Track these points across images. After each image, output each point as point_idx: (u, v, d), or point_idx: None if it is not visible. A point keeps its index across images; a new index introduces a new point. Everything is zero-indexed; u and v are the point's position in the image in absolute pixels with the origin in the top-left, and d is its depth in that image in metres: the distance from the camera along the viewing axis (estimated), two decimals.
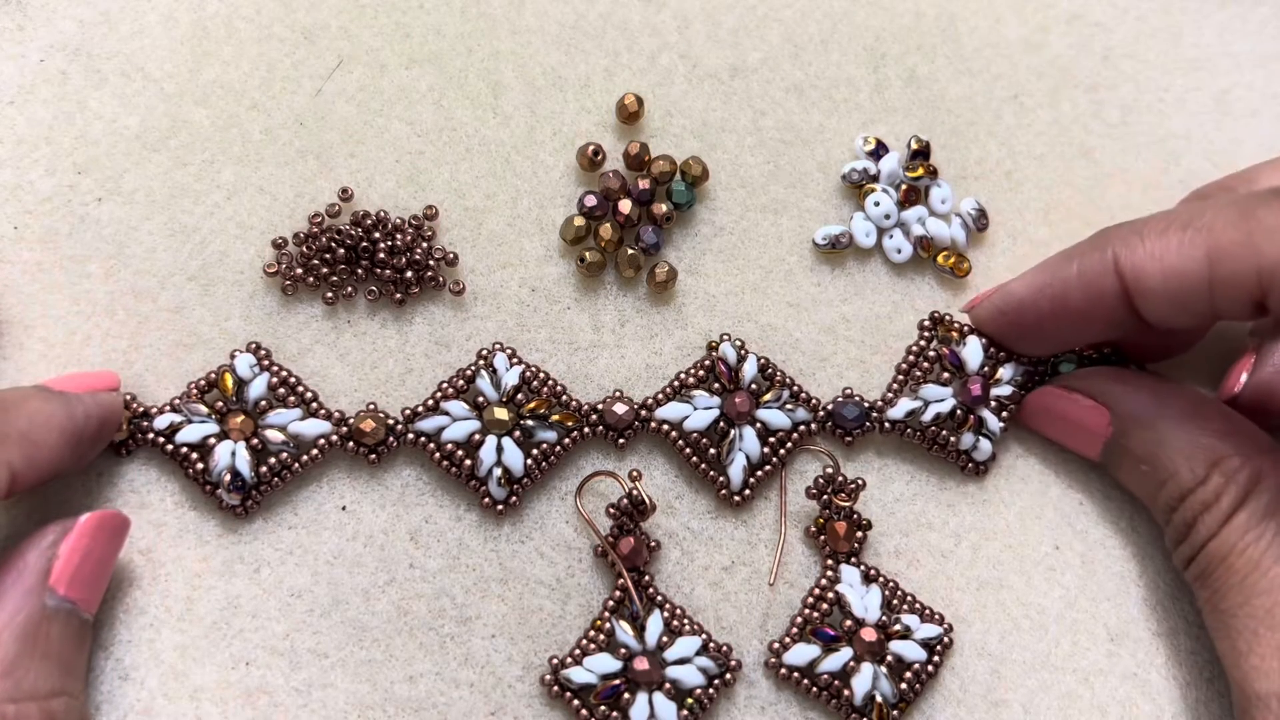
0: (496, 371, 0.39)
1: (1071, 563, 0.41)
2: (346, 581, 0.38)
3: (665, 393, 0.40)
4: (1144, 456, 0.38)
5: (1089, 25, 0.48)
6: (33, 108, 0.42)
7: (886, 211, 0.44)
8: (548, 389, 0.40)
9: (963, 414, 0.40)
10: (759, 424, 0.40)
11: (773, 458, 0.40)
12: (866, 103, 0.46)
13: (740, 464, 0.40)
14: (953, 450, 0.41)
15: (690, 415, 0.40)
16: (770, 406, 0.40)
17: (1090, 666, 0.40)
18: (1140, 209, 0.46)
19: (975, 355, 0.41)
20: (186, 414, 0.38)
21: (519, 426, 0.39)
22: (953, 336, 0.42)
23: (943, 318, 0.42)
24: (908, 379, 0.41)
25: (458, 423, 0.39)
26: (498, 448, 0.38)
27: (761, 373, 0.41)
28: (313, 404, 0.39)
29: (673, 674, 0.37)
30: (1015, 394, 0.41)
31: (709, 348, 0.41)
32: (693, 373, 0.41)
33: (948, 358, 0.41)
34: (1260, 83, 0.48)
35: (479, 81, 0.44)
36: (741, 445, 0.40)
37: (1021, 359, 0.41)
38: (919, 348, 0.42)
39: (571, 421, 0.39)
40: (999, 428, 0.41)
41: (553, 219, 0.43)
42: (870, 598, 0.39)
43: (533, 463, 0.39)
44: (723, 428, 0.40)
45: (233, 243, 0.41)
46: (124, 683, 0.36)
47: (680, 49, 0.46)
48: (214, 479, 0.37)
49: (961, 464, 0.41)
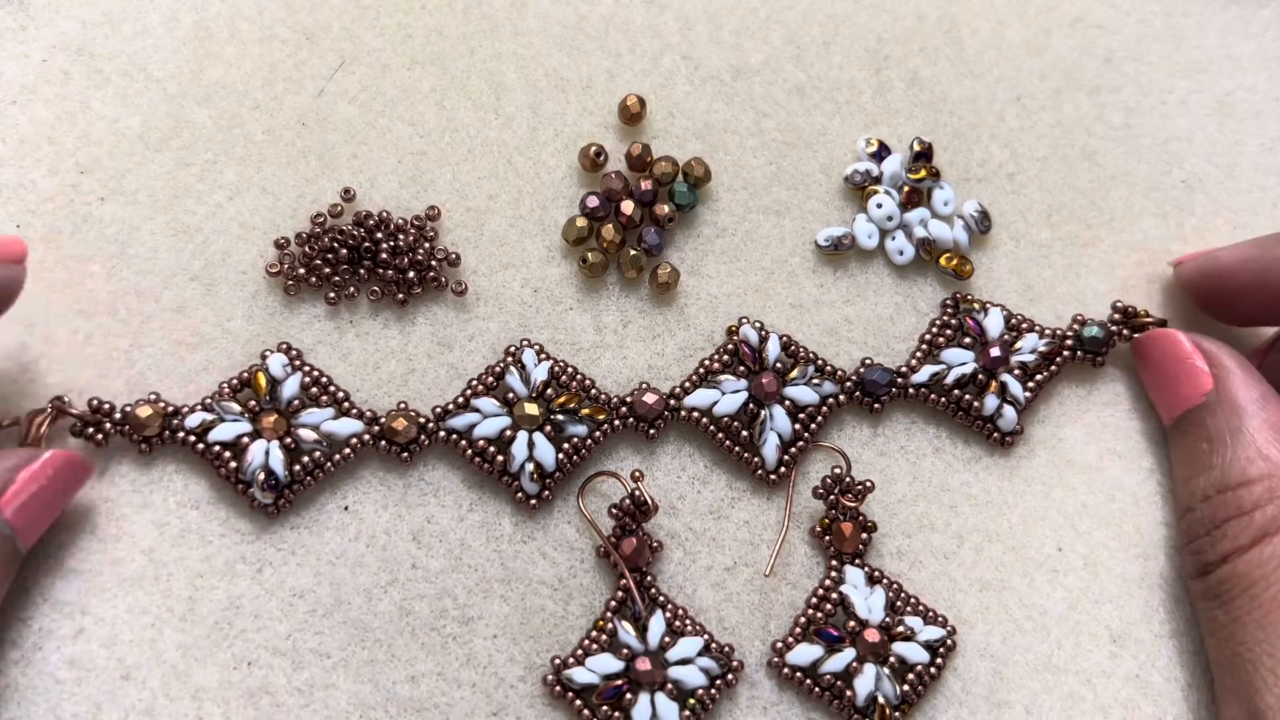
0: (525, 367, 0.40)
1: (1074, 565, 0.41)
2: (349, 582, 0.38)
3: (692, 380, 0.40)
4: (1213, 436, 0.38)
5: (1091, 28, 0.48)
6: (35, 107, 0.42)
7: (889, 213, 0.44)
8: (576, 383, 0.40)
9: (985, 377, 0.41)
10: (788, 401, 0.40)
11: (804, 433, 0.40)
12: (869, 105, 0.46)
13: (774, 443, 0.40)
14: (977, 416, 0.41)
15: (719, 400, 0.40)
16: (797, 383, 0.41)
17: (1093, 668, 0.40)
18: (1143, 211, 0.46)
19: (996, 324, 0.42)
20: (220, 412, 0.38)
21: (550, 421, 0.39)
22: (974, 307, 0.43)
23: (965, 296, 0.43)
24: (931, 348, 0.42)
25: (489, 419, 0.39)
26: (529, 443, 0.39)
27: (785, 350, 0.41)
28: (344, 403, 0.39)
29: (675, 674, 0.37)
30: (1038, 361, 0.42)
31: (729, 332, 0.42)
32: (717, 358, 0.41)
33: (970, 327, 0.42)
34: (1262, 85, 0.48)
35: (481, 82, 0.44)
36: (773, 424, 0.40)
37: (1042, 331, 0.42)
38: (942, 320, 0.42)
39: (601, 415, 0.39)
40: (1024, 395, 0.41)
41: (555, 220, 0.43)
42: (874, 599, 0.39)
43: (564, 457, 0.39)
44: (752, 409, 0.40)
45: (235, 243, 0.41)
46: (126, 682, 0.36)
47: (682, 50, 0.46)
48: (247, 478, 0.37)
49: (987, 433, 0.42)
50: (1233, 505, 0.36)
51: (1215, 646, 0.36)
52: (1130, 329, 0.43)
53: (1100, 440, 0.43)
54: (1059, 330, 0.43)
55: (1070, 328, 0.43)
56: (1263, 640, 0.34)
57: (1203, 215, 0.46)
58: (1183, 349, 0.40)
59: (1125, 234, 0.45)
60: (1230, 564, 0.36)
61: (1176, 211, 0.46)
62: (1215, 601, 0.36)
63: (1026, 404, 0.42)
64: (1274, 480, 0.36)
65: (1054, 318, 0.44)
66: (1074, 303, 0.44)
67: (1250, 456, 0.37)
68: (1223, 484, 0.37)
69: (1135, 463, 0.42)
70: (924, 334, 0.43)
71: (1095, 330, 0.42)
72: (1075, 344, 0.43)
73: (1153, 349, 0.41)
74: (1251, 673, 0.34)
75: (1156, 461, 0.42)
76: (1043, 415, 0.43)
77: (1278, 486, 0.36)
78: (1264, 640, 0.34)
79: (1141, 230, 0.45)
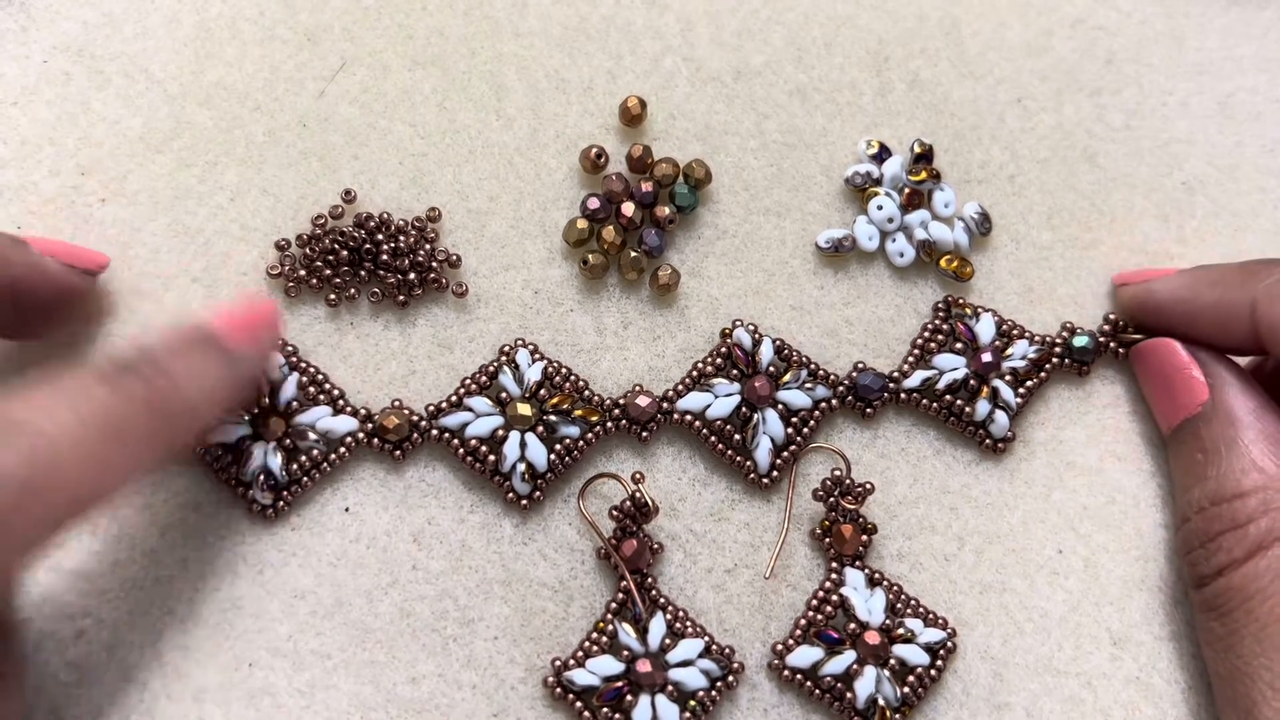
0: (519, 367, 0.40)
1: (1074, 566, 0.41)
2: (349, 583, 0.38)
3: (685, 383, 0.40)
4: (1208, 447, 0.38)
5: (1092, 29, 0.48)
6: (36, 109, 0.42)
7: (889, 215, 0.44)
8: (570, 384, 0.40)
9: (976, 383, 0.41)
10: (780, 405, 0.40)
11: (796, 437, 0.40)
12: (869, 106, 0.46)
13: (766, 447, 0.40)
14: (969, 421, 0.41)
15: (712, 404, 0.40)
16: (790, 387, 0.41)
17: (1093, 670, 0.40)
18: (1143, 213, 0.46)
19: (988, 330, 0.42)
20: None
21: (542, 422, 0.39)
22: (966, 312, 0.43)
23: (957, 300, 0.43)
24: (923, 353, 0.42)
25: (481, 418, 0.39)
26: (521, 443, 0.39)
27: (778, 354, 0.41)
28: (339, 401, 0.39)
29: (675, 676, 0.37)
30: (1028, 367, 0.42)
31: (723, 334, 0.41)
32: (710, 361, 0.41)
33: (962, 332, 0.42)
34: (1264, 86, 0.48)
35: (482, 84, 0.44)
36: (765, 428, 0.40)
37: (1033, 338, 0.42)
38: (934, 325, 0.42)
39: (594, 416, 0.39)
40: (1015, 400, 0.41)
41: (555, 221, 0.43)
42: (874, 601, 0.39)
43: (556, 458, 0.39)
44: (745, 413, 0.40)
45: (236, 244, 0.41)
46: (126, 684, 0.36)
47: (683, 52, 0.46)
48: (247, 479, 0.37)
49: (979, 439, 0.41)
50: (1227, 518, 0.36)
51: (1213, 658, 0.36)
52: (1119, 344, 0.43)
53: (1100, 443, 0.43)
54: (1048, 337, 0.43)
55: (1060, 335, 0.43)
56: (1259, 654, 0.34)
57: (1203, 217, 0.46)
58: (1180, 359, 0.40)
59: (1126, 236, 0.45)
60: (1226, 577, 0.36)
61: (1177, 213, 0.46)
62: (1212, 614, 0.36)
63: (1018, 410, 0.42)
64: (1269, 492, 0.35)
65: (1054, 319, 0.44)
66: (1074, 305, 0.44)
67: (1245, 468, 0.36)
68: (1217, 495, 0.36)
69: (1136, 465, 0.42)
70: (916, 338, 0.43)
71: (1085, 340, 0.42)
72: (1064, 352, 0.43)
73: (1150, 358, 0.41)
74: (1249, 685, 0.34)
75: (1157, 464, 0.42)
76: (1043, 418, 0.43)
77: (1273, 499, 0.35)
78: (1261, 654, 0.34)
79: (1142, 232, 0.45)
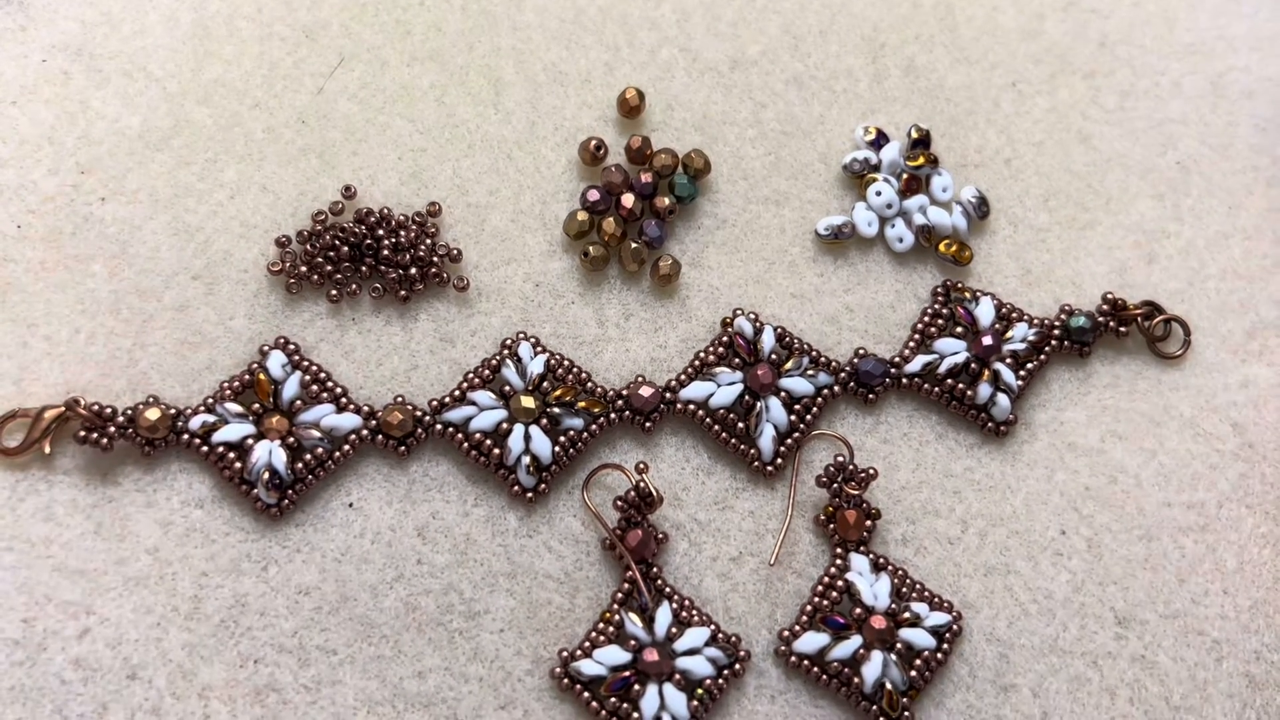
0: (521, 360, 0.40)
1: (1078, 547, 0.41)
2: (354, 578, 0.38)
3: (687, 373, 0.40)
4: None
5: (1085, 12, 0.49)
6: (35, 108, 0.42)
7: (888, 201, 0.44)
8: (573, 376, 0.40)
9: (977, 366, 0.41)
10: (783, 393, 0.40)
11: (799, 424, 0.40)
12: (866, 93, 0.46)
13: (769, 435, 0.40)
14: (970, 405, 0.41)
15: (715, 393, 0.40)
16: (792, 375, 0.41)
17: (1098, 650, 0.40)
18: (1139, 193, 0.46)
19: (988, 313, 0.42)
20: (222, 415, 0.38)
21: (546, 414, 0.39)
22: (965, 296, 0.43)
23: (956, 284, 0.43)
24: (924, 338, 0.42)
25: (485, 412, 0.39)
26: (525, 436, 0.39)
27: (779, 342, 0.41)
28: (342, 398, 0.39)
29: (682, 665, 0.37)
30: (1028, 349, 0.42)
31: (724, 324, 0.42)
32: (712, 350, 0.41)
33: (962, 316, 0.42)
34: (1256, 66, 0.48)
35: (480, 78, 0.44)
36: (768, 416, 0.40)
37: (1031, 320, 0.42)
38: (934, 310, 0.43)
39: (598, 408, 0.39)
40: (1016, 383, 0.41)
41: (555, 214, 0.43)
42: (880, 586, 0.39)
43: (560, 450, 0.39)
44: (748, 401, 0.40)
45: (236, 241, 0.41)
46: (131, 681, 0.36)
47: (680, 42, 0.46)
48: (251, 478, 0.37)
49: (981, 422, 0.42)
50: None
51: None
52: (1119, 321, 0.43)
53: (1101, 423, 0.43)
54: (1046, 320, 0.43)
55: (1058, 317, 0.43)
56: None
57: (1198, 196, 0.46)
58: None
59: (1122, 216, 0.46)
60: None
61: (1172, 193, 0.46)
62: None
63: (1019, 392, 0.42)
64: None
65: (1053, 301, 0.44)
66: (1072, 286, 0.44)
67: None
68: None
69: (1137, 444, 0.42)
70: (916, 323, 0.43)
71: (1082, 320, 0.43)
72: (1063, 334, 0.43)
73: None
74: None
75: (1158, 443, 0.43)
76: (1044, 399, 0.43)
77: None
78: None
79: (1138, 212, 0.46)
